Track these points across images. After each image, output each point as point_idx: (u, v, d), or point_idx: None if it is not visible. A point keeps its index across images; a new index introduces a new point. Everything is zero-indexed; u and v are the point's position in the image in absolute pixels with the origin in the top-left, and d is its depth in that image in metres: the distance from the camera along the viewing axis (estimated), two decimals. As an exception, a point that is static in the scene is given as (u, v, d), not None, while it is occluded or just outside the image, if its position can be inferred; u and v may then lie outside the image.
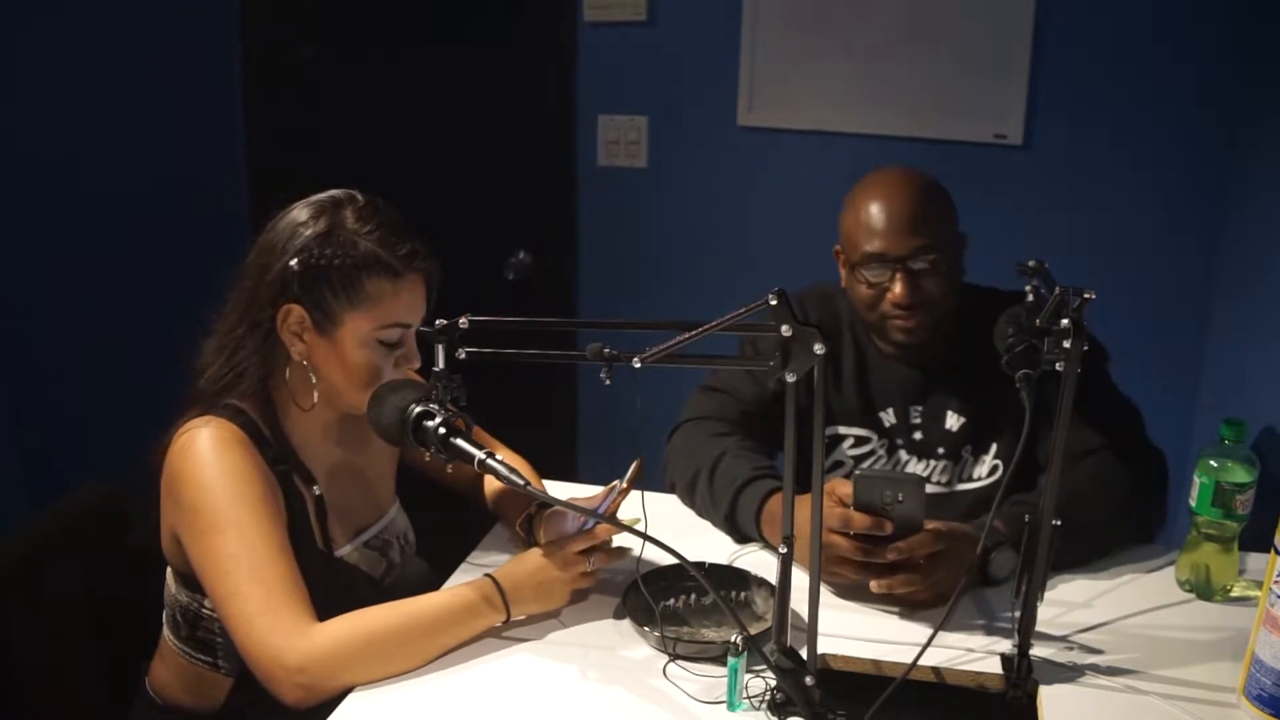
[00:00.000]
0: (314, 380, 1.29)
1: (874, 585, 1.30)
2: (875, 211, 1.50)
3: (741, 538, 1.53)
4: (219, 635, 1.29)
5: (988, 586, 1.39)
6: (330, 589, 1.27)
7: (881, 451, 1.64)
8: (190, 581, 1.27)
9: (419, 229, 1.31)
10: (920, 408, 1.61)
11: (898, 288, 1.49)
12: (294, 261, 1.23)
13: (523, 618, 1.29)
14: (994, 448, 1.60)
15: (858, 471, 1.35)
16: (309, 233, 1.25)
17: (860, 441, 1.63)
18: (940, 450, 1.61)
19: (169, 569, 1.33)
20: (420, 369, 1.36)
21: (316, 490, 1.33)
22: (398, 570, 1.45)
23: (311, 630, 1.15)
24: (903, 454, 1.63)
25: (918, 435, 1.62)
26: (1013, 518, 1.37)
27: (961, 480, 1.62)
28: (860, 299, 1.56)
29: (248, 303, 1.27)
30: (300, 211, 1.28)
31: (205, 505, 1.19)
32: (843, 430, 1.64)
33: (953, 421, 1.60)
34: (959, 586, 1.17)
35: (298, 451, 1.32)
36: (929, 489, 1.59)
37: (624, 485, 1.34)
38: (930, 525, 1.31)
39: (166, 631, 1.35)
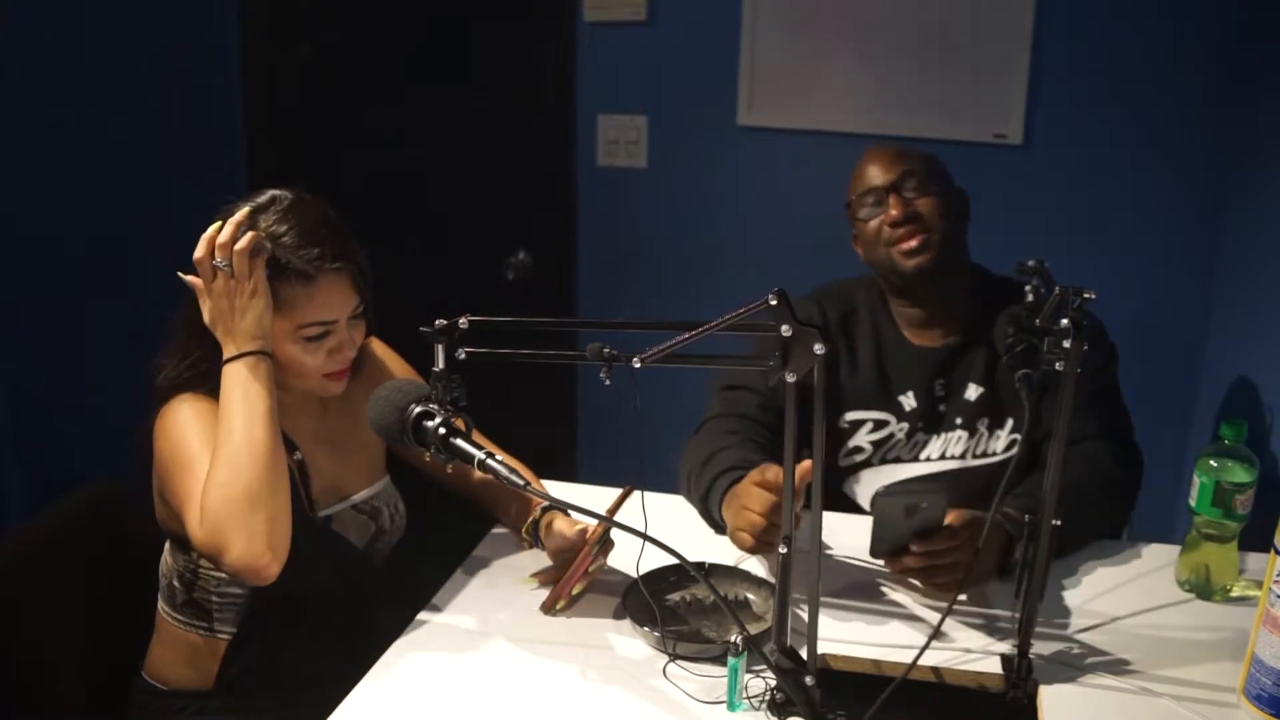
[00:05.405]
0: None
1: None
2: (863, 161, 1.65)
3: (712, 521, 1.54)
4: (214, 595, 1.34)
5: (1007, 575, 1.40)
6: (312, 550, 1.31)
7: (900, 435, 1.64)
8: (185, 543, 1.30)
9: (346, 221, 1.33)
10: (943, 380, 1.64)
11: (893, 210, 1.59)
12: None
13: None
14: (1009, 423, 1.62)
15: (878, 491, 1.35)
16: None
17: (879, 425, 1.64)
18: (958, 421, 1.63)
19: (166, 542, 1.37)
20: (420, 369, 1.37)
21: (298, 455, 1.36)
22: (388, 536, 1.48)
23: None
24: (920, 436, 1.64)
25: (942, 408, 1.64)
26: (1024, 509, 1.38)
27: (976, 456, 1.63)
28: (867, 243, 1.64)
29: (191, 304, 1.31)
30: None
31: (178, 448, 1.26)
32: (861, 415, 1.65)
33: (972, 392, 1.63)
34: (976, 566, 1.20)
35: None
36: (945, 465, 1.63)
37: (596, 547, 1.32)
38: (946, 520, 1.32)
39: (163, 605, 1.39)
